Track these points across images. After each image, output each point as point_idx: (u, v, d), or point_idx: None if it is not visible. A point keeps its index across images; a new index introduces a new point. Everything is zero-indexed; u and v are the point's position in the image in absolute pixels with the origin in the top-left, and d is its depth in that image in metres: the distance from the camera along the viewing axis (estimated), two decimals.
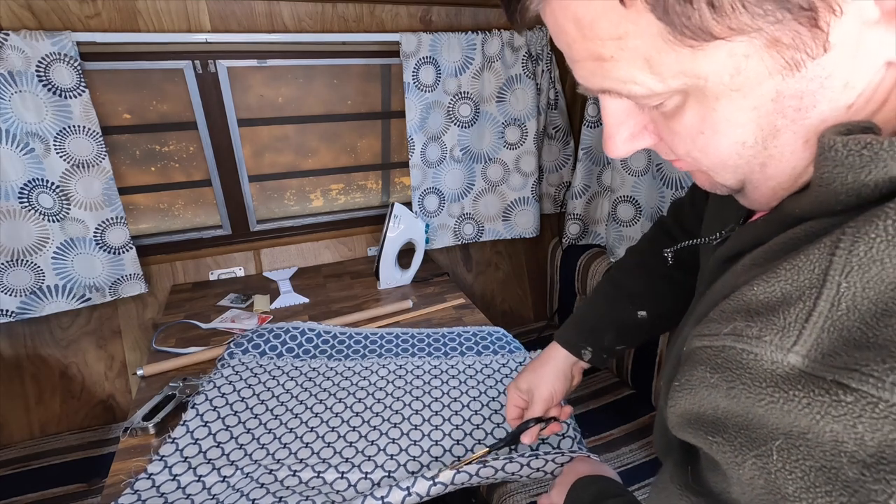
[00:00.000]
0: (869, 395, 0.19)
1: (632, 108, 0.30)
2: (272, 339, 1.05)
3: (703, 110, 0.26)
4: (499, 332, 1.12)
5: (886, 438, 0.19)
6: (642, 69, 0.25)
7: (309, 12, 1.30)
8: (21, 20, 1.07)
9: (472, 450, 0.79)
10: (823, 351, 0.22)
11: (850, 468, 0.20)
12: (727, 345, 0.26)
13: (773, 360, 0.23)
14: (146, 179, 1.40)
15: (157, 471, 0.74)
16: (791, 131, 0.25)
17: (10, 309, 1.17)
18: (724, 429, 0.26)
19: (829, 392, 0.21)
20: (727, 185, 0.31)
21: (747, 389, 0.24)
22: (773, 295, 0.24)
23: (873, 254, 0.21)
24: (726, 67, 0.24)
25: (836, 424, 0.20)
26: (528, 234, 1.71)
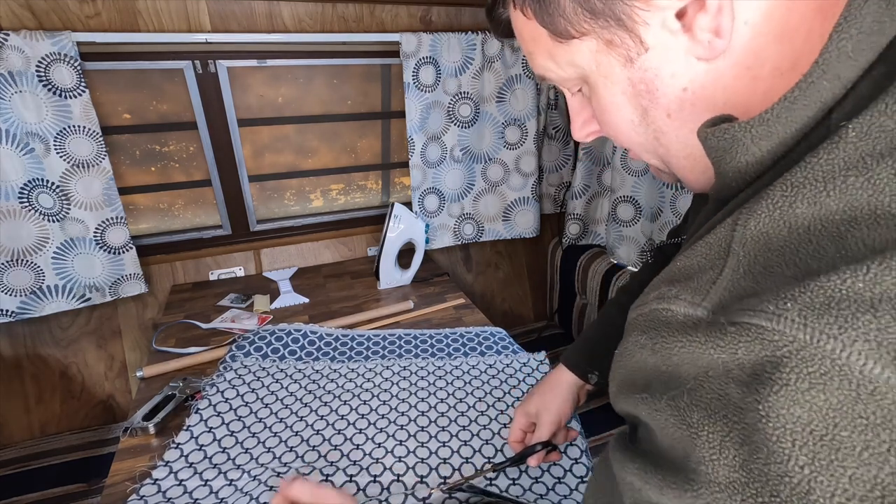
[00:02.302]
0: (746, 325, 0.23)
1: (582, 102, 0.39)
2: (274, 342, 1.05)
3: (596, 96, 0.35)
4: (501, 333, 1.12)
5: (757, 357, 0.23)
6: (549, 59, 0.35)
7: (309, 12, 1.30)
8: (21, 20, 1.07)
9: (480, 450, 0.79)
10: (724, 304, 0.26)
11: (735, 390, 0.24)
12: (653, 308, 0.30)
13: (685, 314, 0.28)
14: (146, 179, 1.40)
15: (162, 476, 0.74)
16: (653, 108, 0.33)
17: (10, 309, 1.17)
18: (649, 386, 0.30)
19: (721, 330, 0.25)
20: (655, 164, 0.38)
21: (665, 341, 0.28)
22: (692, 266, 0.29)
23: (761, 227, 0.26)
24: (590, 59, 0.33)
25: (724, 354, 0.24)
26: (528, 234, 1.71)
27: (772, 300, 0.23)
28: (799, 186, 0.25)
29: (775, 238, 0.25)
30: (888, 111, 0.23)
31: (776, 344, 0.22)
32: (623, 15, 0.30)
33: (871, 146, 0.23)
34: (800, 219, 0.24)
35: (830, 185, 0.24)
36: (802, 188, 0.25)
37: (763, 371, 0.22)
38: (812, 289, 0.22)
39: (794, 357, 0.21)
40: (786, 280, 0.23)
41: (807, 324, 0.21)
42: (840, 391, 0.20)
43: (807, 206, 0.24)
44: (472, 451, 0.79)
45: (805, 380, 0.21)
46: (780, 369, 0.22)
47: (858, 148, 0.24)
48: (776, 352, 0.22)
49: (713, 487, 0.24)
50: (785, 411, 0.21)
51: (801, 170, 0.25)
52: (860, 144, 0.24)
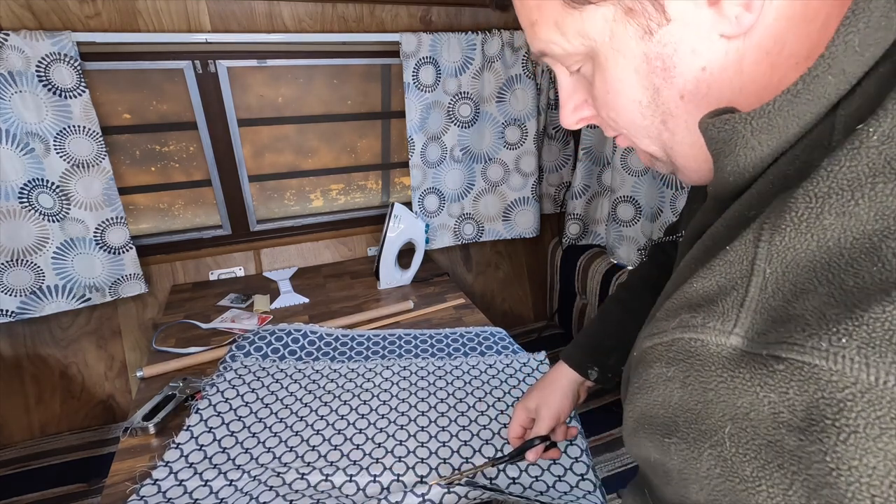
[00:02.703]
0: (795, 361, 0.22)
1: (575, 84, 0.37)
2: (274, 342, 1.05)
3: (602, 73, 0.32)
4: (501, 333, 1.13)
5: (812, 399, 0.21)
6: (554, 31, 0.32)
7: (309, 12, 1.30)
8: (21, 20, 1.07)
9: (480, 450, 0.79)
10: (758, 330, 0.24)
11: (789, 437, 0.22)
12: (676, 337, 0.28)
13: (717, 343, 0.25)
14: (146, 179, 1.40)
15: (162, 476, 0.74)
16: (666, 88, 0.31)
17: (10, 309, 1.17)
18: (677, 428, 0.27)
19: (765, 365, 0.23)
20: (653, 153, 0.36)
21: (699, 374, 0.26)
22: (711, 288, 0.27)
23: (787, 242, 0.24)
24: (604, 29, 0.30)
25: (772, 394, 0.22)
26: (528, 234, 1.71)
27: (823, 334, 0.21)
28: (824, 197, 0.23)
29: (804, 253, 0.23)
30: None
31: (835, 385, 0.20)
32: None
33: (895, 150, 0.22)
34: (828, 231, 0.23)
35: (858, 194, 0.22)
36: (828, 198, 0.23)
37: (822, 416, 0.21)
38: (867, 321, 0.20)
39: (858, 400, 0.20)
40: (826, 303, 0.22)
41: (869, 363, 0.20)
42: None
43: (835, 218, 0.23)
44: (472, 451, 0.79)
45: (875, 425, 0.19)
46: (844, 414, 0.20)
47: (882, 153, 0.22)
48: (836, 394, 0.20)
49: None
50: (857, 462, 0.20)
51: (823, 179, 0.24)
52: (883, 149, 0.22)
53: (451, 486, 0.67)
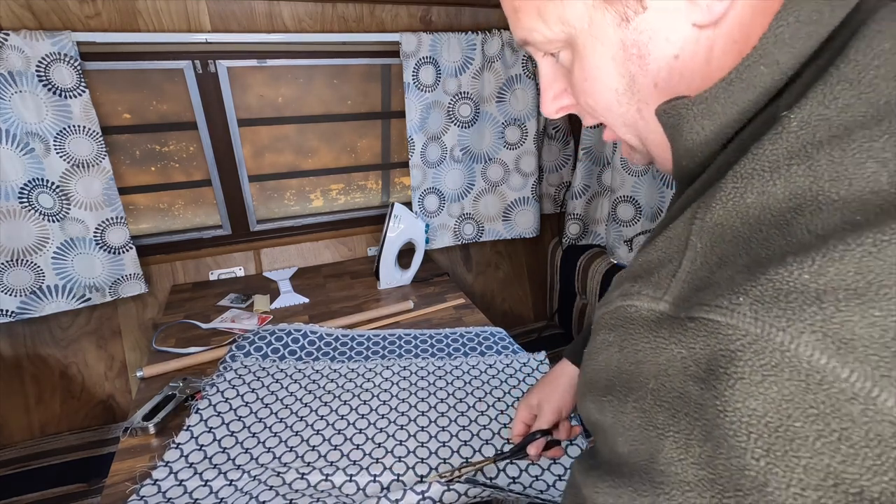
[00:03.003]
0: (703, 319, 0.24)
1: (555, 72, 0.37)
2: (274, 342, 1.05)
3: (581, 60, 0.33)
4: (501, 333, 1.13)
5: (712, 351, 0.23)
6: (537, 17, 0.33)
7: (309, 12, 1.30)
8: (21, 20, 1.07)
9: (480, 450, 0.79)
10: (683, 297, 0.26)
11: (693, 387, 0.24)
12: (618, 305, 0.30)
13: (649, 308, 0.28)
14: (146, 179, 1.40)
15: (162, 477, 0.74)
16: (641, 76, 0.31)
17: (10, 309, 1.17)
18: (613, 388, 0.29)
19: (681, 325, 0.25)
20: (630, 141, 0.37)
21: (631, 337, 0.28)
22: (652, 261, 0.30)
23: (715, 219, 0.26)
24: (583, 16, 0.31)
25: (683, 350, 0.25)
26: (528, 234, 1.71)
27: (725, 294, 0.23)
28: (748, 177, 0.25)
29: (729, 229, 0.25)
30: (825, 101, 0.24)
31: (730, 338, 0.22)
32: None
33: (811, 135, 0.24)
34: (750, 209, 0.25)
35: (776, 175, 0.24)
36: (751, 179, 0.25)
37: (718, 366, 0.23)
38: (762, 282, 0.22)
39: (747, 350, 0.22)
40: (738, 270, 0.24)
41: (757, 317, 0.22)
42: (791, 382, 0.21)
43: (756, 196, 0.25)
44: (472, 451, 0.79)
45: (758, 372, 0.21)
46: (734, 363, 0.22)
47: (800, 137, 0.24)
48: (729, 346, 0.22)
49: (684, 487, 0.24)
50: (741, 405, 0.22)
51: (749, 161, 0.26)
52: (801, 133, 0.24)
53: (450, 484, 0.67)
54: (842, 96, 0.24)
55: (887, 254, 0.20)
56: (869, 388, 0.19)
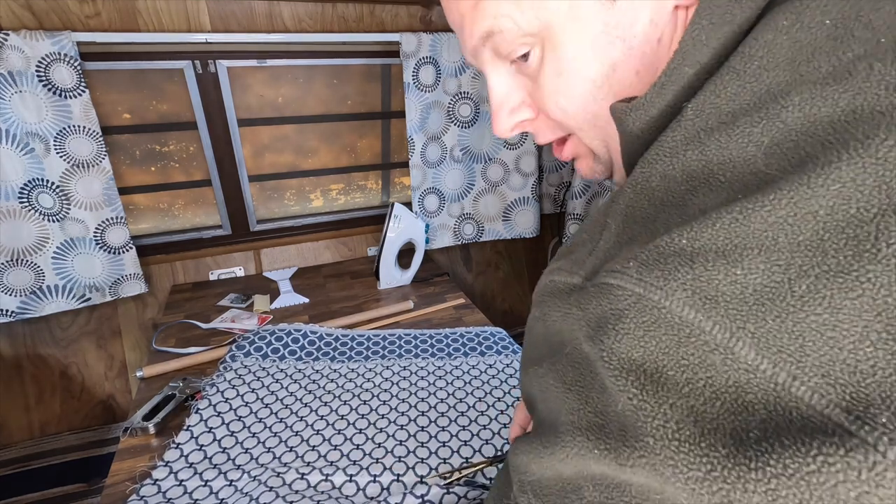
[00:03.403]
0: (601, 284, 0.26)
1: (510, 84, 0.36)
2: (274, 342, 1.05)
3: (555, 52, 0.31)
4: (501, 333, 1.13)
5: (603, 310, 0.25)
6: (506, 1, 0.30)
7: (309, 12, 1.30)
8: (21, 20, 1.07)
9: (480, 450, 0.79)
10: (595, 271, 0.28)
11: (587, 345, 0.26)
12: (544, 282, 0.32)
13: (565, 281, 0.29)
14: (146, 179, 1.40)
15: (162, 476, 0.74)
16: (623, 63, 0.31)
17: (10, 309, 1.17)
18: (541, 359, 0.31)
19: (583, 291, 0.27)
20: (597, 150, 0.36)
21: (550, 310, 0.30)
22: (577, 241, 0.31)
23: (627, 201, 0.28)
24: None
25: (580, 311, 0.27)
26: (528, 234, 1.71)
27: (620, 261, 0.25)
28: (653, 163, 0.27)
29: (639, 210, 0.27)
30: (717, 91, 0.26)
31: (618, 298, 0.24)
32: None
33: (703, 122, 0.26)
34: (655, 191, 0.27)
35: (675, 160, 0.26)
36: (655, 164, 0.27)
37: (607, 322, 0.25)
38: (648, 249, 0.24)
39: (631, 309, 0.24)
40: (639, 244, 0.25)
41: (641, 278, 0.24)
42: (667, 336, 0.22)
43: (659, 180, 0.27)
44: (472, 451, 0.79)
45: (640, 328, 0.23)
46: (621, 321, 0.24)
47: (695, 124, 0.26)
48: (618, 304, 0.24)
49: (577, 433, 0.26)
50: (625, 355, 0.24)
51: (654, 148, 0.28)
52: (696, 121, 0.26)
53: (450, 487, 0.67)
54: (730, 86, 0.25)
55: (752, 220, 0.22)
56: (727, 339, 0.21)
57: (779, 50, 0.24)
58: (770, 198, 0.21)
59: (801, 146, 0.22)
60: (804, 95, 0.23)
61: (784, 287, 0.21)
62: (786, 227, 0.21)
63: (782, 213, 0.21)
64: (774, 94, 0.24)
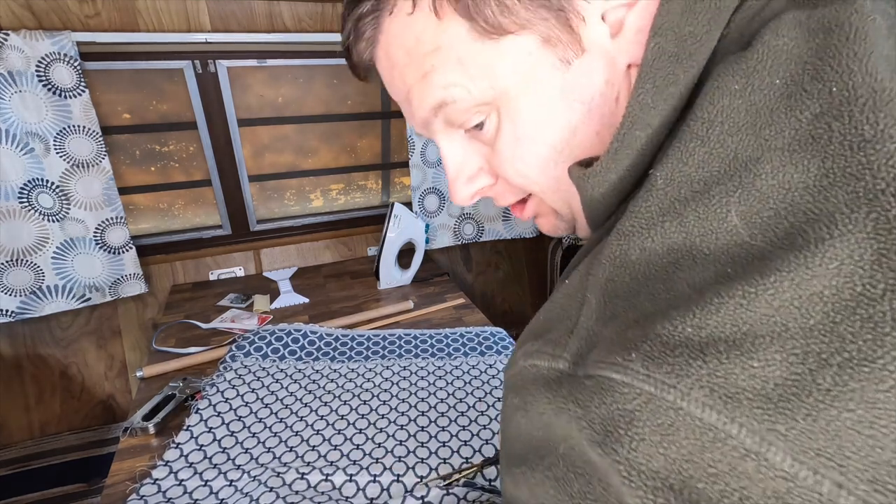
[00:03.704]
0: (598, 377, 0.23)
1: (466, 151, 0.34)
2: (274, 342, 1.05)
3: (513, 118, 0.31)
4: (501, 333, 1.13)
5: (609, 411, 0.22)
6: (457, 70, 0.29)
7: (309, 12, 1.30)
8: (21, 20, 1.07)
9: (480, 450, 0.79)
10: (581, 353, 0.25)
11: (593, 451, 0.23)
12: (521, 366, 0.29)
13: (549, 367, 0.27)
14: (146, 179, 1.40)
15: (162, 476, 0.74)
16: (583, 126, 0.30)
17: (10, 309, 1.17)
18: (525, 458, 0.28)
19: (579, 383, 0.24)
20: (560, 211, 0.35)
21: (534, 399, 0.27)
22: (551, 319, 0.29)
23: (606, 275, 0.26)
24: (519, 64, 0.29)
25: (580, 409, 0.24)
26: (528, 234, 1.71)
27: (618, 350, 0.23)
28: (628, 234, 0.26)
29: (620, 284, 0.25)
30: (683, 158, 0.25)
31: (626, 397, 0.22)
32: (566, 6, 0.27)
33: (676, 191, 0.25)
34: (634, 265, 0.25)
35: (653, 231, 0.25)
36: (632, 236, 0.26)
37: (616, 427, 0.22)
38: (651, 337, 0.22)
39: (644, 410, 0.21)
40: (629, 325, 0.24)
41: (650, 374, 0.21)
42: (688, 441, 0.20)
43: (638, 253, 0.25)
44: (472, 452, 0.79)
45: (657, 432, 0.21)
46: (634, 424, 0.21)
47: (668, 194, 0.25)
48: (626, 405, 0.22)
49: None
50: (644, 466, 0.21)
51: (627, 218, 0.26)
52: (668, 190, 0.25)
53: (450, 488, 0.67)
54: (696, 153, 0.25)
55: (757, 305, 0.20)
56: (758, 444, 0.19)
57: (737, 114, 0.24)
58: (771, 280, 0.20)
59: (783, 216, 0.22)
60: (774, 163, 0.22)
61: (807, 380, 0.19)
62: (793, 311, 0.20)
63: (787, 295, 0.20)
64: (744, 162, 0.23)
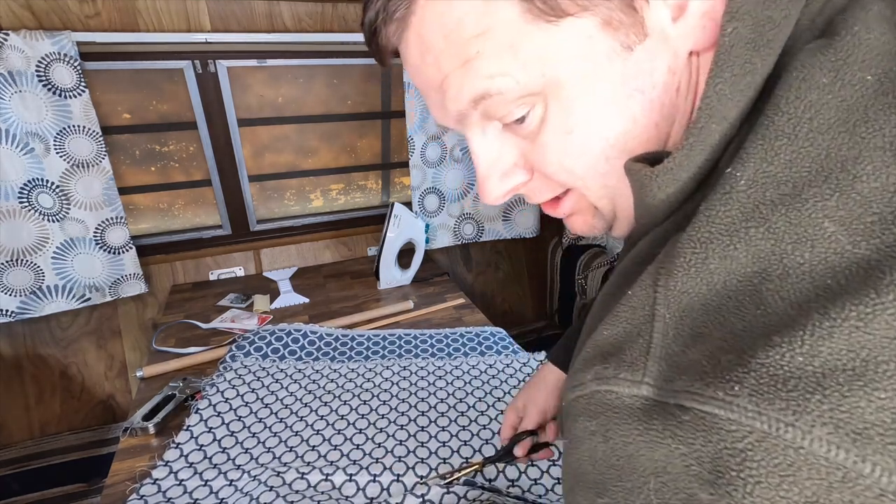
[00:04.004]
0: (698, 411, 0.21)
1: (499, 146, 0.32)
2: (274, 342, 1.05)
3: (564, 109, 0.28)
4: (501, 333, 1.13)
5: (716, 450, 0.21)
6: (507, 57, 0.27)
7: (309, 12, 1.30)
8: (21, 20, 1.07)
9: (480, 450, 0.79)
10: (665, 377, 0.23)
11: (702, 491, 0.21)
12: (594, 390, 0.27)
13: (630, 394, 0.25)
14: (146, 179, 1.40)
15: (162, 476, 0.74)
16: (643, 117, 0.28)
17: (10, 309, 1.17)
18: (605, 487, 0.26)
19: (673, 415, 0.22)
20: (604, 209, 0.33)
21: (618, 428, 0.25)
22: (619, 335, 0.26)
23: (680, 287, 0.24)
24: (577, 48, 0.26)
25: (682, 446, 0.22)
26: (528, 234, 1.71)
27: (719, 383, 0.21)
28: (706, 242, 0.24)
29: (696, 297, 0.24)
30: (768, 157, 0.23)
31: (734, 435, 0.20)
32: None
33: (761, 194, 0.23)
34: (715, 275, 0.23)
35: (736, 238, 0.23)
36: (710, 243, 0.24)
37: (728, 468, 0.21)
38: (755, 367, 0.20)
39: (756, 450, 0.20)
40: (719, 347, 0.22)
41: (761, 411, 0.20)
42: (812, 482, 0.19)
43: (719, 262, 0.23)
44: (472, 451, 0.79)
45: (774, 474, 0.19)
46: (746, 465, 0.20)
47: (751, 197, 0.23)
48: (736, 444, 0.20)
49: None
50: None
51: (703, 224, 0.24)
52: (751, 193, 0.23)
53: (450, 486, 0.67)
54: (783, 151, 0.23)
55: (874, 327, 0.19)
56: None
57: (827, 110, 0.23)
58: (890, 298, 0.19)
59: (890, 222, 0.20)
60: (875, 164, 0.21)
61: None
62: None
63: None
64: (839, 162, 0.22)
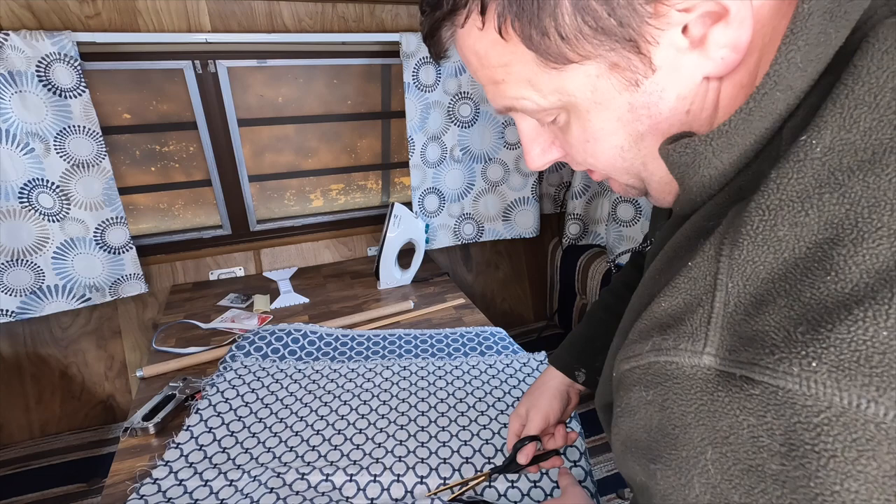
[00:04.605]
0: (770, 385, 0.22)
1: (539, 128, 0.36)
2: (274, 342, 1.05)
3: (582, 123, 0.32)
4: (501, 333, 1.13)
5: (789, 423, 0.21)
6: (527, 88, 0.31)
7: (309, 12, 1.30)
8: (21, 20, 1.07)
9: (480, 450, 0.79)
10: (728, 347, 0.24)
11: (771, 461, 0.22)
12: (652, 360, 0.27)
13: (691, 364, 0.25)
14: (146, 179, 1.40)
15: (162, 476, 0.74)
16: (651, 134, 0.31)
17: (10, 309, 1.17)
18: (659, 454, 0.27)
19: (740, 388, 0.23)
20: (631, 184, 0.36)
21: (678, 398, 0.26)
22: (678, 306, 0.27)
23: (746, 255, 0.24)
24: (586, 85, 0.29)
25: (751, 418, 0.22)
26: (528, 234, 1.71)
27: (794, 358, 0.21)
28: (776, 209, 0.24)
29: (762, 266, 0.24)
30: (846, 125, 0.24)
31: (811, 409, 0.21)
32: (636, 35, 0.27)
33: (837, 161, 0.23)
34: (783, 242, 0.24)
35: (808, 205, 0.23)
36: (780, 210, 0.24)
37: (802, 441, 0.21)
38: (835, 343, 0.20)
39: (834, 424, 0.20)
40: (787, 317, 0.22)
41: (840, 387, 0.20)
42: (892, 456, 0.19)
43: (788, 229, 0.24)
44: (472, 451, 0.79)
45: (852, 448, 0.20)
46: (822, 439, 0.20)
47: (826, 164, 0.24)
48: (812, 419, 0.21)
49: None
50: (839, 487, 0.20)
51: (773, 191, 0.25)
52: (827, 160, 0.24)
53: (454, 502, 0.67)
54: (862, 119, 0.23)
55: None
56: None
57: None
58: None
59: None
60: None
61: None
62: None
63: None
64: None
